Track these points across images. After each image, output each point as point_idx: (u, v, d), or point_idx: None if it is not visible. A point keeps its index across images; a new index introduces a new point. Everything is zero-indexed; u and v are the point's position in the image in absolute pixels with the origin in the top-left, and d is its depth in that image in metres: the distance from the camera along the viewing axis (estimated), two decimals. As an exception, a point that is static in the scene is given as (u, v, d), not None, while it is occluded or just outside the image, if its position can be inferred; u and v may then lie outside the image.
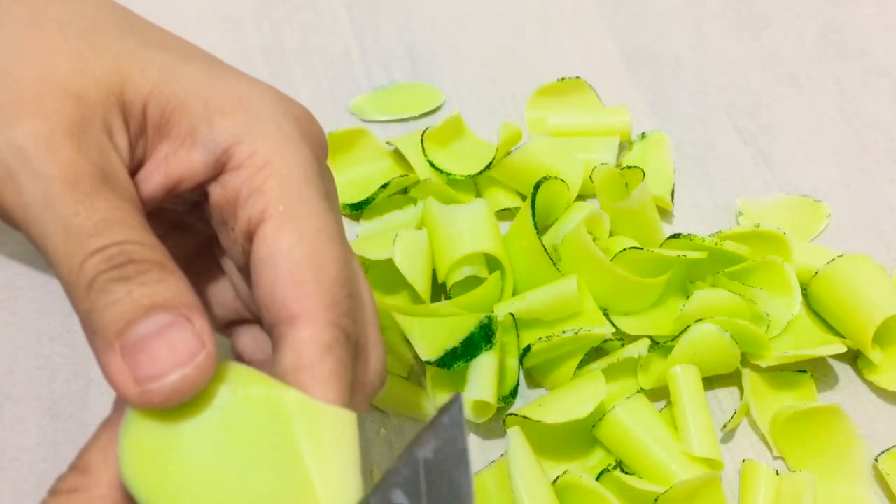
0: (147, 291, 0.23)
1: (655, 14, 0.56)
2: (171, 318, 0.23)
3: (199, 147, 0.26)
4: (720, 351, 0.39)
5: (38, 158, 0.24)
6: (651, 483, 0.36)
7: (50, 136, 0.24)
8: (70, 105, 0.25)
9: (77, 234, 0.23)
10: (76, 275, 0.23)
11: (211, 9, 0.55)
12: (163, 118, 0.26)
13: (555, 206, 0.44)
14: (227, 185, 0.26)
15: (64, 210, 0.23)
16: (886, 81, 0.53)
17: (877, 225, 0.47)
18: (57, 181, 0.24)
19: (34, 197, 0.24)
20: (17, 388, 0.40)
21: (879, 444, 0.39)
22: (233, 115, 0.26)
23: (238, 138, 0.26)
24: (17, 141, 0.24)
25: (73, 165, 0.24)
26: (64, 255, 0.23)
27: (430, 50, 0.54)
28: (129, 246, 0.23)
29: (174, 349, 0.22)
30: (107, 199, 0.24)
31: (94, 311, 0.23)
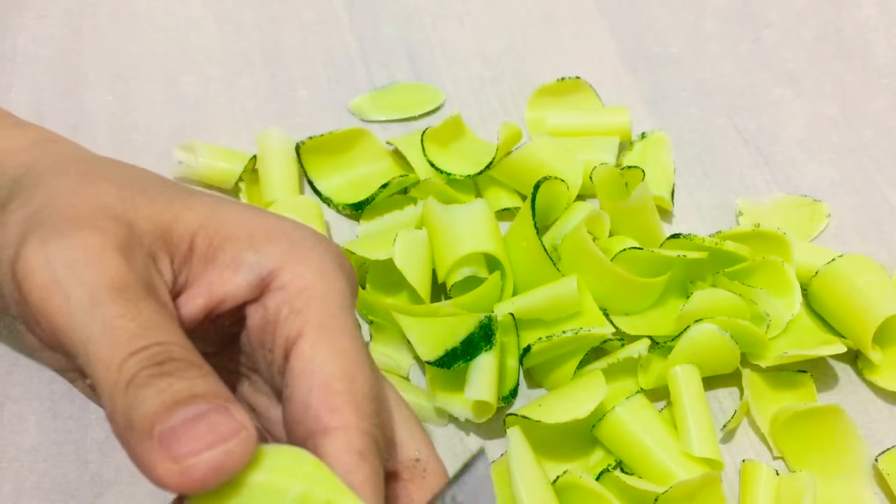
0: (187, 384, 0.23)
1: (655, 14, 0.56)
2: (211, 406, 0.23)
3: (244, 269, 0.27)
4: (720, 351, 0.39)
5: (88, 267, 0.25)
6: (651, 483, 0.36)
7: (100, 248, 0.25)
8: (120, 227, 0.26)
9: (120, 335, 0.24)
10: (116, 373, 0.24)
11: (211, 9, 0.55)
12: (209, 249, 0.28)
13: (555, 206, 0.44)
14: (269, 306, 0.27)
15: (109, 312, 0.24)
16: (886, 81, 0.53)
17: (877, 225, 0.47)
18: (104, 287, 0.25)
19: (80, 302, 0.25)
20: (17, 388, 0.40)
21: (879, 444, 0.39)
22: (277, 244, 0.28)
23: (282, 263, 0.28)
24: (69, 250, 0.25)
25: (121, 274, 0.25)
26: (105, 356, 0.24)
27: (430, 50, 0.54)
28: (170, 346, 0.24)
29: (216, 428, 0.23)
30: (149, 306, 0.25)
31: (133, 406, 0.23)
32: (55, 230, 0.26)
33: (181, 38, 0.54)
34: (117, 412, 0.23)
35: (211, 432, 0.22)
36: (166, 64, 0.52)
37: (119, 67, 0.52)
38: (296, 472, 0.24)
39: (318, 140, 0.46)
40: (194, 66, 0.52)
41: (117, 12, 0.55)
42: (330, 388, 0.26)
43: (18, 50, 0.52)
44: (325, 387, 0.26)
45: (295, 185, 0.45)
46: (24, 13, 0.54)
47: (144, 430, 0.23)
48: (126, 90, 0.51)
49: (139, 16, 0.55)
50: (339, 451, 0.25)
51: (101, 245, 0.26)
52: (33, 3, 0.55)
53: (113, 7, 0.55)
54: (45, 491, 0.37)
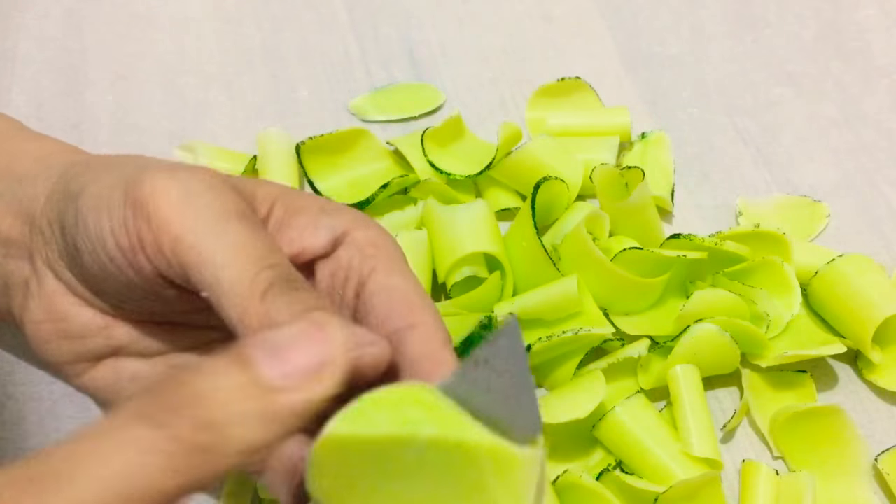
0: (314, 299, 0.27)
1: (655, 14, 0.56)
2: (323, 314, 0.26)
3: (322, 229, 0.31)
4: (720, 351, 0.39)
5: (215, 197, 0.28)
6: (651, 483, 0.36)
7: (221, 185, 0.29)
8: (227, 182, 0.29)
9: (251, 251, 0.27)
10: (250, 283, 0.26)
11: (211, 9, 0.55)
12: (285, 216, 0.31)
13: (555, 206, 0.44)
14: (341, 258, 0.31)
15: (239, 232, 0.27)
16: (886, 81, 0.53)
17: (877, 225, 0.47)
18: (232, 213, 0.28)
19: (210, 224, 0.27)
20: (18, 388, 0.40)
21: (879, 444, 0.39)
22: (346, 213, 0.31)
23: (353, 225, 0.31)
24: (195, 180, 0.28)
25: (242, 206, 0.28)
26: (239, 268, 0.27)
27: (430, 50, 0.54)
28: (289, 268, 0.28)
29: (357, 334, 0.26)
30: (266, 233, 0.29)
31: (275, 310, 0.26)
32: (176, 168, 0.29)
33: (181, 38, 0.54)
34: (252, 316, 0.26)
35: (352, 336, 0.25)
36: (166, 64, 0.52)
37: (119, 67, 0.52)
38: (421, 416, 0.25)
39: (318, 140, 0.46)
40: (194, 66, 0.52)
41: (117, 12, 0.55)
42: (408, 298, 0.29)
43: (19, 50, 0.52)
44: (404, 297, 0.29)
45: (295, 185, 0.45)
46: (25, 13, 0.54)
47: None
48: (126, 90, 0.51)
49: (139, 16, 0.55)
50: (425, 341, 0.28)
51: (221, 181, 0.29)
52: (34, 4, 0.55)
53: (113, 7, 0.55)
54: (46, 491, 0.37)
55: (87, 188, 0.30)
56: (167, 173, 0.28)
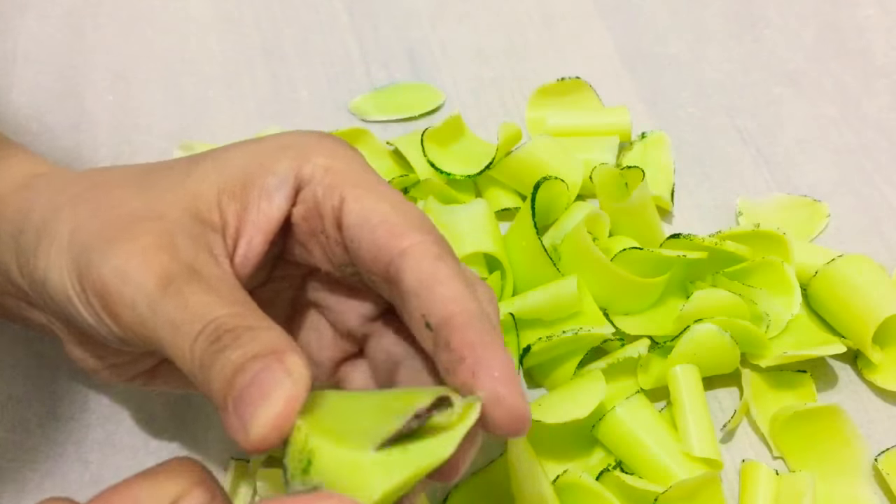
0: (241, 351, 0.25)
1: (655, 14, 0.56)
2: (263, 365, 0.24)
3: (274, 192, 0.29)
4: (720, 351, 0.39)
5: (136, 273, 0.27)
6: (651, 483, 0.36)
7: (143, 252, 0.27)
8: (154, 224, 0.28)
9: (179, 327, 0.26)
10: (189, 362, 0.26)
11: (211, 9, 0.55)
12: (236, 204, 0.30)
13: (555, 206, 0.44)
14: (306, 199, 0.29)
15: (166, 310, 0.26)
16: (886, 81, 0.53)
17: (877, 225, 0.47)
18: (155, 287, 0.27)
19: (142, 307, 0.27)
20: (18, 389, 0.40)
21: (879, 444, 0.39)
22: (283, 159, 0.30)
23: (298, 165, 0.30)
24: (118, 265, 0.27)
25: (164, 269, 0.27)
26: (177, 349, 0.26)
27: (430, 50, 0.54)
28: (220, 320, 0.26)
29: (262, 385, 0.24)
30: (196, 290, 0.27)
31: (208, 384, 0.25)
32: (101, 252, 0.28)
33: (181, 38, 0.54)
34: (201, 388, 0.26)
35: (259, 391, 0.24)
36: (166, 64, 0.52)
37: (119, 67, 0.52)
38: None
39: (319, 140, 0.46)
40: (194, 66, 0.52)
41: (117, 12, 0.55)
42: (388, 222, 0.28)
43: (19, 50, 0.52)
44: (384, 223, 0.28)
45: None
46: (25, 14, 0.54)
47: (222, 406, 0.25)
48: (126, 90, 0.51)
49: (139, 16, 0.55)
50: (417, 262, 0.27)
51: (142, 248, 0.28)
52: (34, 4, 0.55)
53: (113, 7, 0.55)
54: (46, 491, 0.37)
55: (47, 278, 0.29)
56: (103, 263, 0.28)
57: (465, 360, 0.25)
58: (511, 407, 0.25)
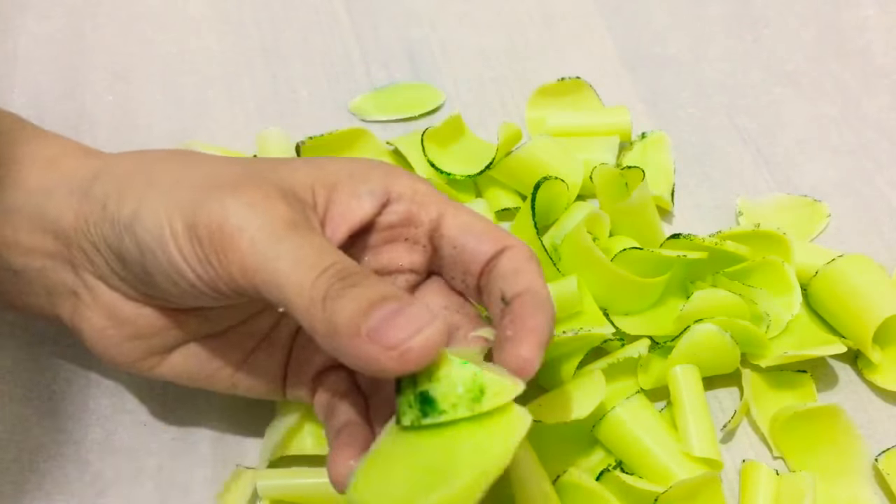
0: (374, 289, 0.28)
1: (655, 14, 0.56)
2: (401, 303, 0.27)
3: (365, 197, 0.33)
4: (720, 351, 0.39)
5: (264, 215, 0.29)
6: (651, 483, 0.36)
7: (266, 199, 0.30)
8: (264, 183, 0.31)
9: (304, 261, 0.29)
10: (309, 292, 0.28)
11: (211, 9, 0.55)
12: (327, 194, 0.33)
13: (555, 206, 0.44)
14: (398, 211, 0.34)
15: (290, 245, 0.29)
16: (886, 81, 0.53)
17: (877, 225, 0.47)
18: (281, 226, 0.29)
19: (264, 244, 0.29)
20: (18, 388, 0.40)
21: (879, 444, 0.39)
22: (375, 174, 0.34)
23: (387, 182, 0.34)
24: (240, 207, 0.30)
25: (289, 214, 0.30)
26: (295, 281, 0.28)
27: (430, 50, 0.54)
28: (345, 264, 0.29)
29: (415, 318, 0.27)
30: (318, 234, 0.30)
31: (334, 315, 0.27)
32: (221, 195, 0.30)
33: (181, 38, 0.54)
34: (317, 323, 0.28)
35: (412, 322, 0.27)
36: (166, 64, 0.52)
37: (119, 67, 0.52)
38: None
39: (318, 140, 0.46)
40: (194, 66, 0.52)
41: (117, 12, 0.55)
42: (489, 233, 0.33)
43: (19, 51, 0.52)
44: (486, 233, 0.33)
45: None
46: (25, 14, 0.54)
47: (352, 332, 0.27)
48: (126, 90, 0.51)
49: (139, 16, 0.55)
50: (512, 256, 0.32)
51: (266, 196, 0.30)
52: (34, 4, 0.55)
53: (113, 7, 0.55)
54: (46, 491, 0.37)
55: (138, 217, 0.31)
56: (219, 204, 0.30)
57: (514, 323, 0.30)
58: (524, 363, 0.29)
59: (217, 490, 0.37)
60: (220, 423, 0.39)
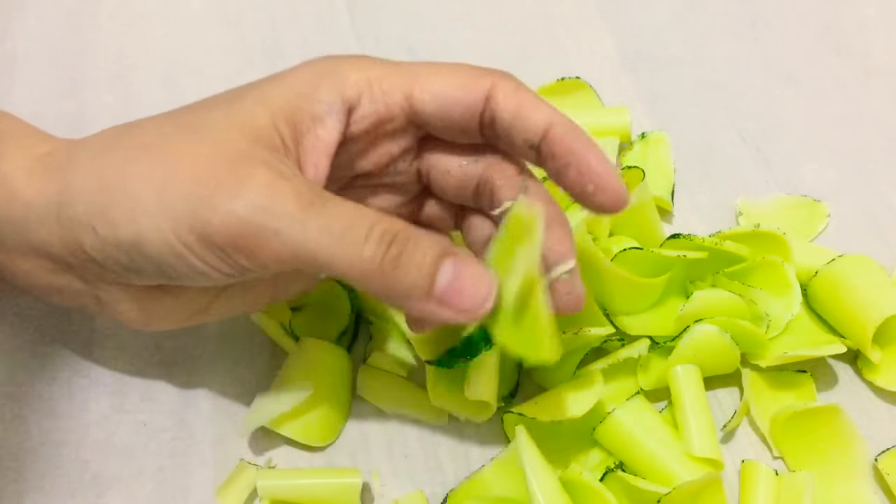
0: (427, 250, 0.29)
1: (655, 14, 0.56)
2: (456, 259, 0.29)
3: (327, 118, 0.32)
4: (720, 352, 0.39)
5: (274, 202, 0.29)
6: (653, 483, 0.36)
7: (269, 184, 0.29)
8: (250, 161, 0.30)
9: (341, 236, 0.28)
10: (361, 264, 0.28)
11: (211, 9, 0.55)
12: (290, 130, 0.32)
13: (555, 207, 0.44)
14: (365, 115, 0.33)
15: (318, 225, 0.29)
16: (886, 81, 0.53)
17: (877, 225, 0.47)
18: (298, 209, 0.29)
19: (289, 231, 0.29)
20: (18, 388, 0.40)
21: (879, 444, 0.39)
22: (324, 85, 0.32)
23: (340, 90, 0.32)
24: (250, 202, 0.29)
25: (297, 192, 0.29)
26: (342, 257, 0.28)
27: (430, 50, 0.54)
28: (379, 226, 0.29)
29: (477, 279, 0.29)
30: (336, 203, 0.29)
31: (396, 283, 0.29)
32: (221, 196, 0.29)
33: (181, 38, 0.54)
34: (379, 290, 0.29)
35: (477, 284, 0.29)
36: (166, 64, 0.52)
37: (119, 67, 0.52)
38: None
39: (318, 140, 0.46)
40: (194, 66, 0.52)
41: (117, 12, 0.55)
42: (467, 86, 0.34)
43: (19, 51, 0.52)
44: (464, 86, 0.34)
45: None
46: (25, 14, 0.54)
47: (420, 295, 0.29)
48: (126, 90, 0.51)
49: (139, 16, 0.55)
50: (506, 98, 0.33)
51: (265, 181, 0.29)
52: (34, 4, 0.55)
53: (113, 7, 0.55)
54: (46, 491, 0.37)
55: (143, 241, 0.30)
56: (227, 211, 0.29)
57: (570, 164, 0.32)
58: (613, 191, 0.32)
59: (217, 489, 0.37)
60: (220, 424, 0.39)
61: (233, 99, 0.32)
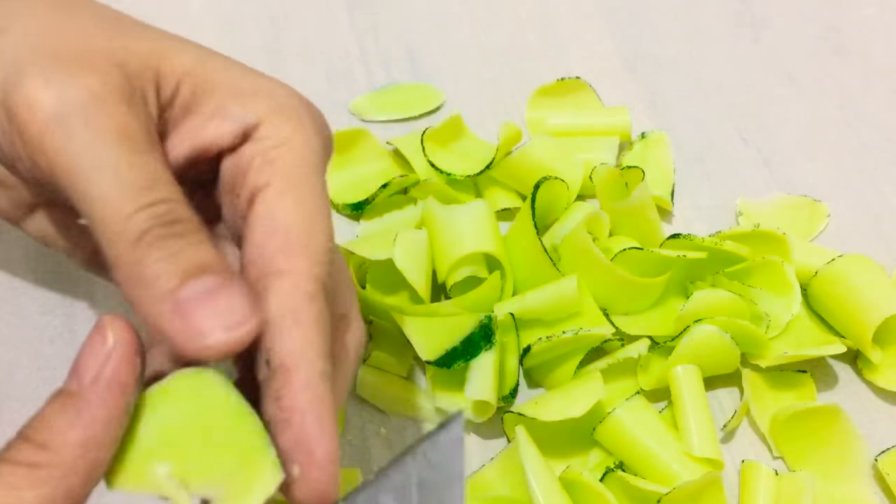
0: (196, 252, 0.24)
1: (655, 14, 0.56)
2: (219, 280, 0.24)
3: (229, 120, 0.28)
4: (720, 352, 0.39)
5: (96, 112, 0.25)
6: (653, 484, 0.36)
7: (105, 94, 0.25)
8: (116, 71, 0.26)
9: (129, 186, 0.24)
10: (122, 224, 0.24)
11: (211, 9, 0.55)
12: (193, 97, 0.28)
13: (555, 206, 0.44)
14: (244, 154, 0.28)
15: (118, 161, 0.24)
16: (886, 81, 0.53)
17: (877, 225, 0.47)
18: (114, 134, 0.25)
19: (86, 145, 0.24)
20: (18, 388, 0.40)
21: (879, 444, 0.39)
22: (263, 100, 0.28)
23: (265, 117, 0.28)
24: (75, 91, 0.25)
25: (127, 123, 0.25)
26: (112, 204, 0.24)
27: (430, 50, 0.54)
28: (175, 205, 0.25)
29: (233, 309, 0.24)
30: (155, 158, 0.25)
31: (144, 264, 0.24)
32: (57, 67, 0.25)
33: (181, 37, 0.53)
34: (122, 264, 0.24)
35: (230, 313, 0.24)
36: (166, 64, 0.52)
37: (119, 67, 0.52)
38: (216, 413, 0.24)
39: (318, 140, 0.46)
40: (194, 66, 0.52)
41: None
42: (288, 235, 0.26)
43: (18, 50, 0.52)
44: (284, 233, 0.26)
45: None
46: (25, 13, 0.54)
47: (161, 294, 0.24)
48: (126, 90, 0.51)
49: (139, 16, 0.54)
50: (289, 291, 0.26)
51: (107, 90, 0.25)
52: (33, 4, 0.55)
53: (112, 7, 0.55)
54: (46, 491, 0.37)
55: None
56: (42, 79, 0.25)
57: (291, 425, 0.25)
58: (319, 493, 0.24)
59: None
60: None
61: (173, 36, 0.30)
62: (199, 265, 0.24)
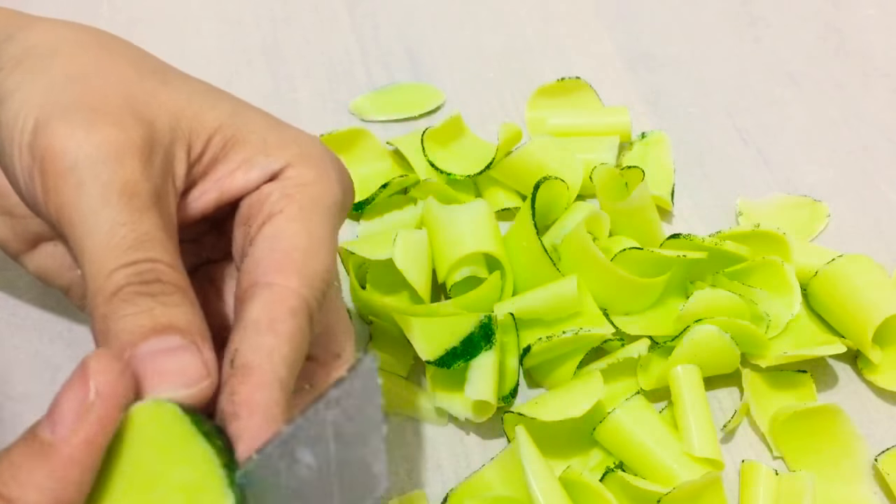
0: (167, 312, 0.25)
1: (655, 14, 0.56)
2: (184, 342, 0.24)
3: (255, 170, 0.29)
4: (720, 352, 0.39)
5: (106, 166, 0.26)
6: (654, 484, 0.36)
7: (122, 148, 0.26)
8: (141, 126, 0.27)
9: (117, 243, 0.25)
10: (104, 280, 0.25)
11: (211, 9, 0.55)
12: (224, 149, 0.29)
13: (555, 206, 0.44)
14: (264, 190, 0.28)
15: (114, 217, 0.25)
16: (886, 81, 0.53)
17: (877, 225, 0.47)
18: (116, 190, 0.25)
19: (90, 199, 0.25)
20: (17, 388, 0.40)
21: (879, 444, 0.39)
22: (288, 150, 0.29)
23: (291, 162, 0.29)
24: (93, 144, 0.26)
25: (135, 180, 0.26)
26: (98, 259, 0.25)
27: (430, 50, 0.54)
28: (160, 266, 0.25)
29: (185, 369, 0.24)
30: (153, 219, 0.26)
31: (112, 317, 0.24)
32: (84, 117, 0.26)
33: (181, 37, 0.54)
34: (97, 315, 0.25)
35: (180, 371, 0.24)
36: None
37: (119, 67, 0.52)
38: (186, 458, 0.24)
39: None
40: (194, 66, 0.52)
41: (117, 13, 0.55)
42: (287, 255, 0.27)
43: (18, 50, 0.52)
44: (284, 252, 0.27)
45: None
46: (25, 13, 0.54)
47: (121, 347, 0.24)
48: (126, 90, 0.51)
49: (138, 16, 0.55)
50: (271, 301, 0.26)
51: (124, 144, 0.26)
52: (34, 7, 0.54)
53: (113, 8, 0.55)
54: (46, 491, 0.37)
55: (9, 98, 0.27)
56: (69, 128, 0.26)
57: (238, 419, 0.25)
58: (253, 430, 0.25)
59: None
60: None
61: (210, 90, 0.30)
62: (167, 325, 0.24)
